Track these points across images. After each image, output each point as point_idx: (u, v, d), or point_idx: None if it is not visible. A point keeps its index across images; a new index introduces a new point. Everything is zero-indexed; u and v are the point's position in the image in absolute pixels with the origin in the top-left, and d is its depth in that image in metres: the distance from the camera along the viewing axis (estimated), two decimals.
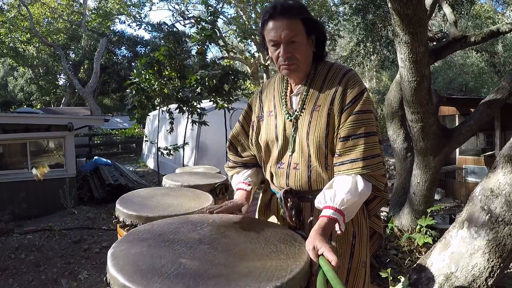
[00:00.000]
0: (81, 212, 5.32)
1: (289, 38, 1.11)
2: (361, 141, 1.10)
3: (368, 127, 1.12)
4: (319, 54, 1.22)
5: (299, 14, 1.12)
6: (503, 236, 2.03)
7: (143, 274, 0.73)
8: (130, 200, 1.42)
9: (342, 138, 1.13)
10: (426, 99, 3.11)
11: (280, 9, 1.11)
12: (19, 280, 3.41)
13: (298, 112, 1.20)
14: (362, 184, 1.08)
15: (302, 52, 1.14)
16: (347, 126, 1.12)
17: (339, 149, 1.13)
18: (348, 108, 1.13)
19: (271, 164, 1.26)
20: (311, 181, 1.18)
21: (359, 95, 1.14)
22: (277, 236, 0.95)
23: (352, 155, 1.11)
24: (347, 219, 1.07)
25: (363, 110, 1.13)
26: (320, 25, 1.19)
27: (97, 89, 18.60)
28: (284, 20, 1.11)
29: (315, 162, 1.17)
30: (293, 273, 0.74)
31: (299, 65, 1.16)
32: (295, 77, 1.23)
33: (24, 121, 5.67)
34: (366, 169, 1.09)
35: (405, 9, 2.51)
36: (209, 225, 1.02)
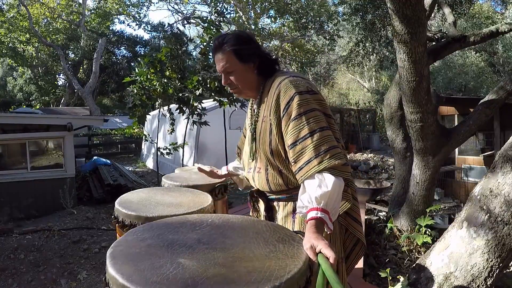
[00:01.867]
0: (80, 212, 5.31)
1: (224, 69, 1.28)
2: (308, 141, 1.12)
3: (311, 126, 1.13)
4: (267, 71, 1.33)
5: (230, 47, 1.25)
6: (502, 235, 2.03)
7: (142, 274, 0.73)
8: (129, 200, 1.42)
9: (290, 145, 1.16)
10: (425, 99, 3.11)
11: (215, 45, 1.29)
12: (19, 280, 3.41)
13: (254, 123, 1.36)
14: (329, 178, 1.09)
15: (240, 79, 1.29)
16: (290, 133, 1.16)
17: (292, 157, 1.16)
18: (284, 115, 1.19)
19: (245, 169, 1.44)
20: (269, 183, 1.31)
21: (291, 100, 1.17)
22: (276, 236, 0.95)
23: (305, 157, 1.12)
24: (333, 217, 1.08)
25: (300, 113, 1.15)
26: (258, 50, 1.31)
27: (96, 89, 18.60)
28: (219, 55, 1.28)
29: (269, 166, 1.29)
30: (291, 273, 0.74)
31: (241, 89, 1.32)
32: (250, 97, 1.40)
33: (24, 121, 5.67)
34: (323, 164, 1.09)
35: (404, 9, 2.51)
36: (208, 225, 1.02)
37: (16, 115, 6.98)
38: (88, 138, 12.36)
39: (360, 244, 1.37)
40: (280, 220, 1.31)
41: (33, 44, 18.99)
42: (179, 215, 1.16)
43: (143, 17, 19.29)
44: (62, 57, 17.41)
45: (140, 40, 20.84)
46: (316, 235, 0.95)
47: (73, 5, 18.86)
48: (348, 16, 7.98)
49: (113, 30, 20.86)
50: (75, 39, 19.58)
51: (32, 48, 19.66)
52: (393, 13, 2.62)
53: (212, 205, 1.40)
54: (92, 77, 16.51)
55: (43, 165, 5.78)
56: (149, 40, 20.43)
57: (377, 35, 7.26)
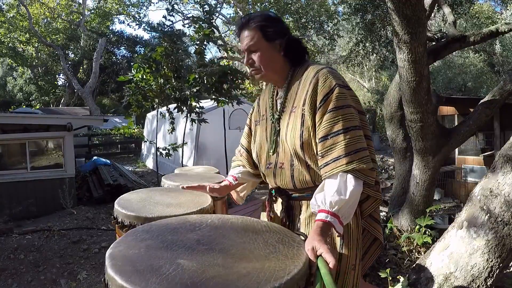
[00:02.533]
0: (80, 212, 5.31)
1: (248, 47, 1.22)
2: (341, 137, 1.08)
3: (346, 122, 1.09)
4: (296, 57, 1.27)
5: (256, 23, 1.21)
6: (502, 236, 2.03)
7: (141, 275, 0.73)
8: (129, 201, 1.41)
9: (321, 138, 1.11)
10: (425, 99, 3.11)
11: (241, 23, 1.25)
12: (18, 280, 3.41)
13: (278, 114, 1.26)
14: (351, 183, 1.06)
15: (263, 58, 1.22)
16: (323, 126, 1.11)
17: (320, 150, 1.12)
18: (321, 106, 1.13)
19: (262, 165, 1.33)
20: (294, 180, 1.22)
21: (330, 92, 1.12)
22: (276, 236, 0.95)
23: (334, 154, 1.08)
24: (345, 221, 1.05)
25: (337, 107, 1.11)
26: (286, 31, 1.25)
27: (96, 89, 18.59)
28: (244, 32, 1.23)
29: (296, 161, 1.20)
30: (291, 274, 0.74)
31: (262, 70, 1.24)
32: (273, 81, 1.31)
33: (23, 121, 5.66)
34: (351, 164, 1.06)
35: (404, 9, 2.51)
36: (208, 225, 1.02)
37: (16, 115, 6.98)
38: (88, 138, 12.36)
39: (377, 243, 1.35)
40: (303, 220, 1.23)
41: (33, 44, 18.98)
42: (179, 216, 1.15)
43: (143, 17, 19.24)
44: (62, 57, 17.41)
45: (140, 40, 20.83)
46: (319, 238, 0.93)
47: (73, 5, 18.85)
48: (348, 16, 7.98)
49: (113, 30, 20.86)
50: (75, 39, 19.58)
51: (32, 48, 19.65)
52: (393, 13, 2.62)
53: (212, 205, 1.39)
54: (92, 77, 16.50)
55: (43, 165, 5.78)
56: (149, 40, 20.41)
57: (377, 35, 7.26)
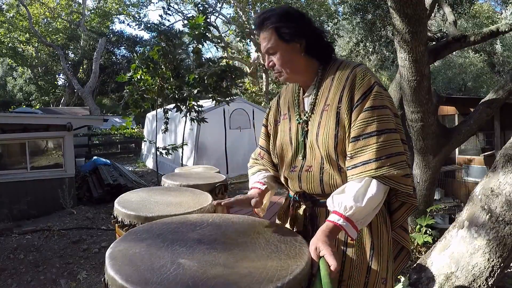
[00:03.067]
0: (80, 212, 5.30)
1: (266, 49, 1.14)
2: (373, 140, 1.02)
3: (381, 124, 1.02)
4: (324, 54, 1.18)
5: (272, 24, 1.11)
6: (504, 235, 2.02)
7: (142, 275, 0.72)
8: (129, 200, 1.41)
9: (353, 138, 1.04)
10: (425, 98, 3.10)
11: (257, 23, 1.15)
12: (18, 280, 3.40)
13: (308, 113, 1.16)
14: (373, 189, 1.00)
15: (283, 61, 1.13)
16: (357, 125, 1.04)
17: (350, 151, 1.05)
18: (359, 105, 1.05)
19: (285, 168, 1.24)
20: (323, 184, 1.13)
21: (369, 91, 1.05)
22: (278, 236, 0.94)
23: (364, 157, 1.02)
24: (360, 226, 1.01)
25: (374, 106, 1.04)
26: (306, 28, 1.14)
27: (96, 89, 18.57)
28: (261, 33, 1.14)
29: (327, 164, 1.11)
30: (293, 274, 0.73)
31: (283, 72, 1.15)
32: (299, 82, 1.23)
33: (23, 121, 5.65)
34: (381, 170, 1.00)
35: (405, 8, 2.50)
36: (209, 225, 1.01)
37: (16, 115, 6.97)
38: (88, 138, 12.35)
39: (405, 251, 1.30)
40: None
41: (33, 44, 18.98)
42: (179, 215, 1.15)
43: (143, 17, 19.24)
44: (62, 57, 17.40)
45: (140, 40, 20.81)
46: (325, 239, 0.91)
47: (73, 5, 18.84)
48: (348, 16, 7.98)
49: (113, 30, 20.85)
50: (75, 39, 19.57)
51: (32, 48, 19.65)
52: (394, 12, 2.61)
53: (212, 204, 1.39)
54: (92, 77, 16.49)
55: (42, 165, 5.77)
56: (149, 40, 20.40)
57: (377, 35, 7.25)
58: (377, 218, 1.11)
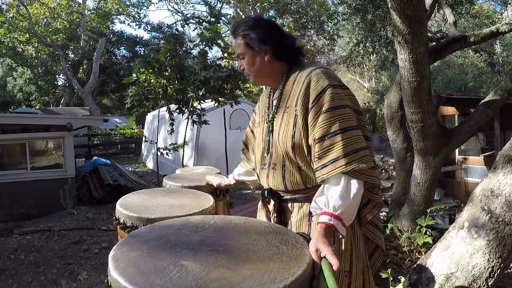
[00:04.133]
0: (80, 213, 5.30)
1: (238, 54, 1.28)
2: (338, 138, 1.06)
3: (343, 123, 1.08)
4: (290, 58, 1.28)
5: (241, 32, 1.24)
6: (503, 236, 2.03)
7: (145, 277, 0.72)
8: (131, 202, 1.41)
9: (318, 139, 1.09)
10: (426, 99, 3.11)
11: (231, 31, 1.30)
12: (19, 281, 3.40)
13: (272, 114, 1.27)
14: (355, 185, 1.05)
15: (249, 64, 1.26)
16: (319, 126, 1.09)
17: (317, 152, 1.10)
18: (313, 106, 1.12)
19: (257, 166, 1.34)
20: (285, 181, 1.21)
21: (323, 92, 1.11)
22: (279, 237, 0.94)
23: (332, 155, 1.06)
24: (347, 223, 1.05)
25: (333, 107, 1.09)
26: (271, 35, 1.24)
27: (96, 89, 18.57)
28: (235, 40, 1.28)
29: (288, 162, 1.20)
30: (295, 275, 0.74)
31: (251, 75, 1.29)
32: (267, 84, 1.34)
33: (23, 121, 5.65)
34: (351, 165, 1.04)
35: (405, 9, 2.50)
36: (211, 226, 1.02)
37: (16, 115, 6.97)
38: (88, 138, 12.35)
39: (380, 250, 1.34)
40: (295, 223, 1.22)
41: (32, 44, 18.96)
42: (181, 217, 1.15)
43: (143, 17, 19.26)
44: (62, 57, 17.38)
45: (140, 40, 20.81)
46: (323, 240, 0.93)
47: (73, 5, 18.84)
48: (348, 16, 7.97)
49: (113, 30, 20.84)
50: (75, 39, 19.56)
51: (31, 48, 19.64)
52: (394, 13, 2.62)
53: (214, 206, 1.39)
54: (92, 77, 16.49)
55: (43, 165, 5.77)
56: (149, 40, 20.39)
57: (377, 35, 7.25)
58: None
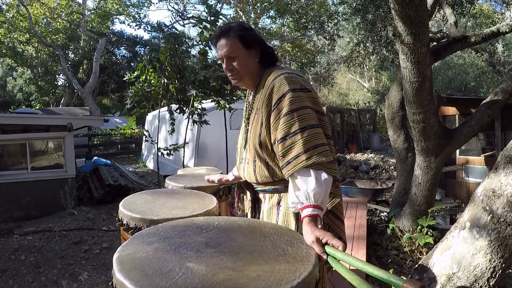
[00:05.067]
0: (81, 213, 5.30)
1: (228, 54, 1.31)
2: (298, 136, 1.16)
3: (302, 122, 1.17)
4: (267, 61, 1.37)
5: (236, 32, 1.30)
6: (505, 236, 2.03)
7: (151, 279, 0.72)
8: (134, 203, 1.41)
9: (280, 139, 1.19)
10: (427, 99, 3.11)
11: (220, 32, 1.33)
12: (19, 281, 3.40)
13: (248, 114, 1.40)
14: (324, 175, 1.13)
15: (241, 64, 1.32)
16: (281, 128, 1.19)
17: (280, 151, 1.19)
18: (274, 110, 1.22)
19: (237, 160, 1.48)
20: (256, 174, 1.34)
21: (283, 96, 1.20)
22: (284, 238, 0.94)
23: (294, 152, 1.16)
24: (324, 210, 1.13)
25: (292, 109, 1.18)
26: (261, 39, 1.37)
27: (96, 89, 18.55)
28: (223, 40, 1.32)
29: (257, 158, 1.32)
30: (302, 277, 0.74)
31: (241, 74, 1.34)
32: (247, 86, 1.42)
33: (24, 121, 5.65)
34: (311, 159, 1.13)
35: (408, 10, 2.50)
36: (215, 228, 1.01)
37: (16, 115, 6.96)
38: (88, 139, 12.35)
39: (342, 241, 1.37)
40: (266, 211, 1.36)
41: (32, 44, 18.94)
42: (185, 218, 1.15)
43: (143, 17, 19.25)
44: (62, 57, 17.36)
45: (140, 40, 20.79)
46: (317, 228, 0.99)
47: (73, 5, 18.82)
48: (348, 16, 7.98)
49: (113, 30, 20.83)
50: (75, 39, 19.54)
51: (31, 48, 19.61)
52: (396, 14, 2.61)
53: (217, 207, 1.39)
54: (92, 77, 16.47)
55: (43, 166, 5.76)
56: (149, 40, 20.37)
57: (378, 35, 7.25)
58: None
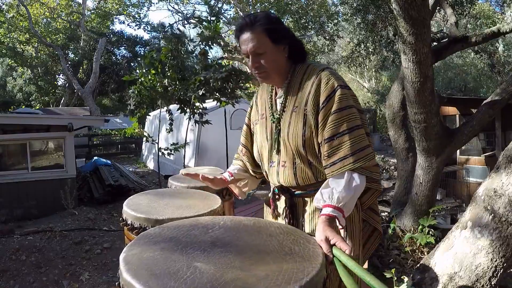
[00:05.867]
0: (81, 213, 5.30)
1: (255, 49, 1.19)
2: (346, 137, 1.13)
3: (350, 123, 1.14)
4: (297, 57, 1.28)
5: (263, 25, 1.18)
6: (507, 236, 2.03)
7: (159, 279, 0.72)
8: (138, 203, 1.41)
9: (327, 139, 1.15)
10: (429, 99, 3.11)
11: (245, 24, 1.20)
12: (20, 281, 3.40)
13: (279, 114, 1.28)
14: (356, 179, 1.12)
15: (269, 61, 1.21)
16: (329, 127, 1.15)
17: (326, 151, 1.15)
18: (324, 107, 1.16)
19: (264, 163, 1.36)
20: (297, 177, 1.26)
21: (333, 93, 1.16)
22: (290, 238, 0.94)
23: (341, 153, 1.13)
24: (347, 214, 1.11)
25: (341, 108, 1.14)
26: (290, 32, 1.26)
27: (96, 90, 18.53)
28: (249, 34, 1.19)
29: (298, 159, 1.23)
30: (310, 276, 0.74)
31: (269, 72, 1.24)
32: (275, 83, 1.31)
33: (24, 121, 5.64)
34: (358, 163, 1.11)
35: (410, 10, 2.50)
36: (221, 227, 1.01)
37: (16, 115, 6.96)
38: (88, 139, 12.34)
39: (376, 233, 1.40)
40: (307, 216, 1.27)
41: (32, 44, 18.92)
42: (190, 218, 1.15)
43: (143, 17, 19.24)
44: (62, 57, 17.35)
45: (140, 40, 20.78)
46: (330, 229, 0.99)
47: (73, 5, 18.81)
48: (349, 17, 7.98)
49: (113, 30, 20.81)
50: (75, 39, 19.52)
51: (31, 48, 19.59)
52: (398, 14, 2.62)
53: (222, 206, 1.39)
54: (92, 77, 16.46)
55: (43, 166, 5.76)
56: (149, 40, 20.36)
57: (378, 35, 7.25)
58: None
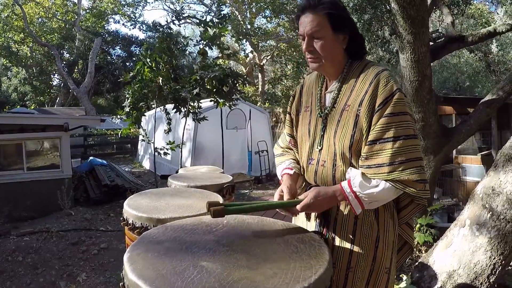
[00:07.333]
0: (78, 213, 5.26)
1: (312, 32, 1.11)
2: (388, 145, 1.05)
3: (398, 130, 1.05)
4: (355, 52, 1.19)
5: (326, 9, 1.10)
6: (505, 233, 2.05)
7: (166, 279, 0.71)
8: (139, 202, 1.40)
9: (370, 141, 1.08)
10: (427, 98, 3.13)
11: (309, 4, 1.12)
12: (17, 283, 3.36)
13: (329, 110, 1.19)
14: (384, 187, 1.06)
15: (325, 48, 1.12)
16: (375, 130, 1.08)
17: (365, 152, 1.09)
18: (379, 110, 1.08)
19: (303, 159, 1.27)
20: (335, 180, 1.16)
21: (390, 97, 1.07)
22: (295, 236, 0.94)
23: (379, 160, 1.06)
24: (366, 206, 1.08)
25: (394, 113, 1.06)
26: (353, 23, 1.17)
27: (92, 89, 18.41)
28: (309, 15, 1.11)
29: (340, 161, 1.15)
30: (318, 273, 0.74)
31: (322, 60, 1.15)
32: (327, 74, 1.22)
33: (20, 121, 5.59)
34: (392, 175, 1.04)
35: (409, 10, 2.52)
36: (224, 226, 1.01)
37: (12, 115, 6.89)
38: (83, 139, 12.26)
39: (408, 246, 1.35)
40: (340, 220, 1.17)
41: (27, 43, 18.74)
42: (193, 217, 1.14)
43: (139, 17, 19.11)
44: (57, 57, 17.19)
45: (135, 39, 20.68)
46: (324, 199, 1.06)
47: (68, 5, 18.66)
48: None
49: (108, 30, 20.69)
50: (70, 38, 19.36)
51: (26, 48, 19.39)
52: (397, 13, 2.63)
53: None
54: (87, 77, 16.33)
55: (39, 166, 5.71)
56: (144, 39, 20.25)
57: (374, 35, 7.26)
58: (385, 213, 1.18)
